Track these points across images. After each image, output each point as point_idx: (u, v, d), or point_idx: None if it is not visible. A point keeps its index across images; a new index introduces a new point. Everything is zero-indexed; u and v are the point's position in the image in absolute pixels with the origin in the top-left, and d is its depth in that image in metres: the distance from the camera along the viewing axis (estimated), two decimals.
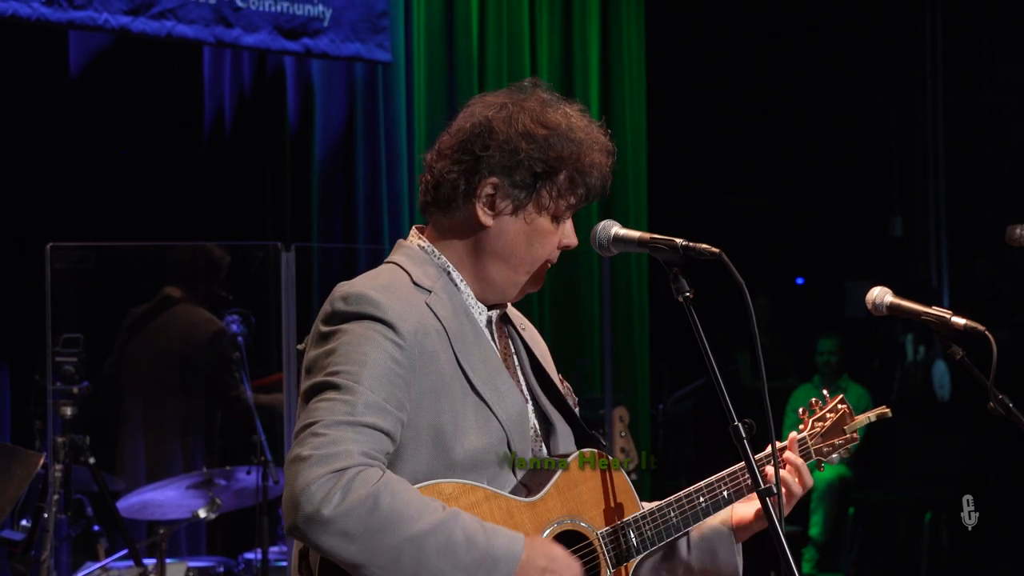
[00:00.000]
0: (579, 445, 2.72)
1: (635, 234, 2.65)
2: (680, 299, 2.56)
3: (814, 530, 8.62)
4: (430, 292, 2.57)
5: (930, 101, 10.75)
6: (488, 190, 2.59)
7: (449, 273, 2.63)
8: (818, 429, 2.95)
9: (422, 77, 7.06)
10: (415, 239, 2.67)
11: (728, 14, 10.15)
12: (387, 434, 2.42)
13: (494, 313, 2.70)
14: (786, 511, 2.70)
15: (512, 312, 2.80)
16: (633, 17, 8.18)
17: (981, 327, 2.85)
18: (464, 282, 2.64)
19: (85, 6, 5.63)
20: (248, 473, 5.60)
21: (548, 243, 2.63)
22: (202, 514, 5.38)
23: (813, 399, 3.01)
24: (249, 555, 5.81)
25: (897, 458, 8.66)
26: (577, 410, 2.79)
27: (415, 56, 7.03)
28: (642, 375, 8.09)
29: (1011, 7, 10.53)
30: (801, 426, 2.97)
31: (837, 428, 2.98)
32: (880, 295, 2.97)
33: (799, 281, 12.08)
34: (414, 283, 2.57)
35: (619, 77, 8.07)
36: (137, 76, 6.37)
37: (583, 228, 2.68)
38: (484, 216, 2.60)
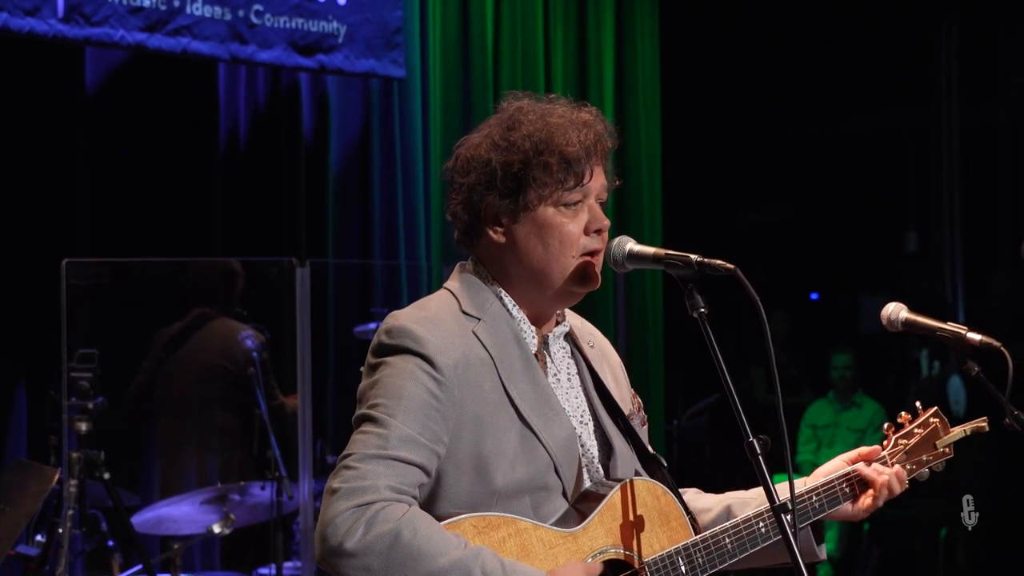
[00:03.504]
0: (641, 466, 2.71)
1: (650, 250, 2.64)
2: (695, 315, 2.56)
3: (829, 546, 8.56)
4: (479, 320, 2.60)
5: (945, 117, 10.72)
6: (489, 211, 2.63)
7: (501, 298, 2.65)
8: (902, 447, 2.94)
9: (438, 93, 7.07)
10: (472, 264, 2.70)
11: (742, 30, 10.14)
12: (420, 467, 2.45)
13: (551, 334, 2.70)
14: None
15: (579, 327, 2.79)
16: (647, 34, 8.18)
17: (997, 343, 2.84)
18: (516, 306, 2.65)
19: (102, 23, 5.66)
20: (263, 488, 5.61)
21: (565, 233, 2.60)
22: (216, 529, 5.39)
23: (903, 412, 2.98)
24: (263, 570, 5.82)
25: None
26: (646, 427, 2.79)
27: (431, 72, 7.03)
28: (656, 390, 8.08)
29: None
30: (885, 442, 2.94)
31: (927, 443, 2.97)
32: (895, 311, 2.95)
33: (813, 296, 12.04)
34: (463, 311, 2.61)
35: (633, 94, 8.07)
36: (152, 92, 6.40)
37: None
38: (496, 236, 2.64)
